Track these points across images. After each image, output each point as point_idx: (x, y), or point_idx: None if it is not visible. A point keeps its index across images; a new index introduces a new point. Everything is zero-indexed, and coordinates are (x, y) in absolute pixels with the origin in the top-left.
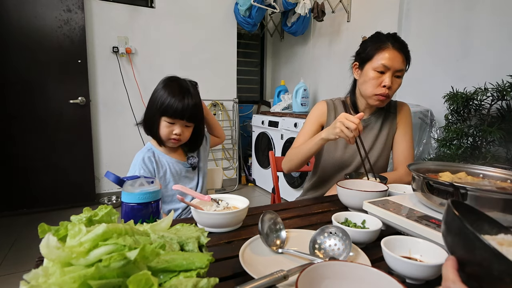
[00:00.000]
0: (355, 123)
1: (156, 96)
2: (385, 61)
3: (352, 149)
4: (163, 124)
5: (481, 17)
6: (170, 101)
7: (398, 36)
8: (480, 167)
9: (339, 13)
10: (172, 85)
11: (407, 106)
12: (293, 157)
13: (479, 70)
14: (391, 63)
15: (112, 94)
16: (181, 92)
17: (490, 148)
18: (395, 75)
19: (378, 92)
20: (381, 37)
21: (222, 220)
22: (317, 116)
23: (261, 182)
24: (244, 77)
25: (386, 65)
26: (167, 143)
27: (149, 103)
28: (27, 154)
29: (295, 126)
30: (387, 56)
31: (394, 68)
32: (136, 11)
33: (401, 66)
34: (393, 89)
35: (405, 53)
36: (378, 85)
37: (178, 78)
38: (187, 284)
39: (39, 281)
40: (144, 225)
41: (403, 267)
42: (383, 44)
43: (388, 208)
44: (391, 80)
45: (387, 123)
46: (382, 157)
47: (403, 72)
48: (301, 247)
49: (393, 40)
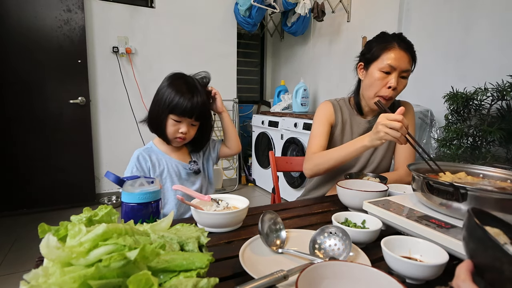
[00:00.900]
0: (399, 121)
1: (163, 93)
2: (391, 61)
3: None
4: (169, 123)
5: (481, 17)
6: (179, 99)
7: (404, 36)
8: (480, 167)
9: (339, 13)
10: (179, 83)
11: (410, 105)
12: (322, 161)
13: (479, 70)
14: (397, 63)
15: (112, 94)
16: (190, 90)
17: (490, 148)
18: (401, 76)
19: (382, 94)
20: (387, 37)
21: (222, 220)
22: (326, 116)
23: (261, 182)
24: (244, 77)
25: (392, 65)
26: (173, 142)
27: (155, 101)
28: (27, 154)
29: (295, 126)
30: (393, 56)
31: (400, 68)
32: (136, 11)
33: (408, 66)
34: (398, 90)
35: (412, 53)
36: (383, 86)
37: (184, 74)
38: (187, 284)
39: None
40: (144, 225)
41: (403, 267)
42: (389, 44)
43: (388, 208)
44: (396, 80)
45: None
46: (386, 158)
47: (409, 73)
48: (301, 247)
49: (399, 40)
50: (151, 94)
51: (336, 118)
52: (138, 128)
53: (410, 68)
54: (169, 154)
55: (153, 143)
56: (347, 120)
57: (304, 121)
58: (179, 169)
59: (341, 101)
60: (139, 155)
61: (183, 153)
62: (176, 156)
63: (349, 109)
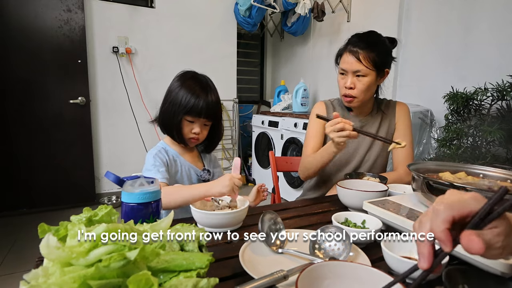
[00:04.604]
0: (338, 122)
1: (176, 94)
2: (342, 65)
3: (350, 148)
4: (184, 123)
5: (481, 17)
6: (195, 100)
7: (357, 38)
8: (480, 167)
9: (339, 13)
10: (192, 82)
11: (405, 106)
12: (309, 166)
13: (479, 70)
14: (347, 66)
15: (112, 94)
16: (204, 89)
17: (490, 148)
18: (357, 75)
19: (343, 93)
20: (347, 42)
21: (222, 220)
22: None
23: (261, 182)
24: (244, 77)
25: (343, 69)
26: (188, 142)
27: (169, 101)
28: (27, 154)
29: (295, 126)
30: (344, 60)
31: (351, 70)
32: (136, 11)
33: (357, 67)
34: (359, 89)
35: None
36: (344, 86)
37: (195, 73)
38: (187, 284)
39: (39, 281)
40: (144, 225)
41: (403, 267)
42: (342, 50)
43: (388, 208)
44: (352, 81)
45: (385, 123)
46: (381, 157)
47: (365, 71)
48: (301, 247)
49: (350, 44)
50: (151, 94)
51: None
52: (138, 128)
53: (361, 69)
54: (183, 155)
55: (165, 143)
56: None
57: (304, 121)
58: (191, 174)
59: (335, 101)
60: (157, 153)
61: (194, 155)
62: (189, 159)
63: (343, 108)
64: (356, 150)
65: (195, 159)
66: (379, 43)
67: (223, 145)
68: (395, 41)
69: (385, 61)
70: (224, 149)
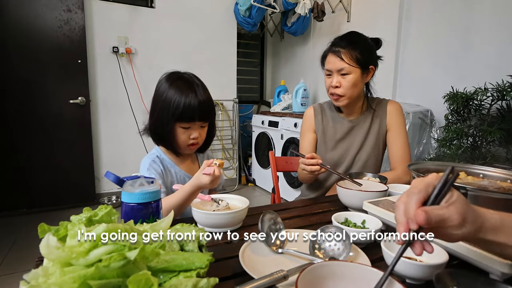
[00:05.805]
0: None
1: (164, 100)
2: (327, 65)
3: (341, 149)
4: (179, 131)
5: (481, 17)
6: (185, 104)
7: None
8: (480, 167)
9: (339, 13)
10: (179, 84)
11: (397, 104)
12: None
13: (479, 70)
14: (331, 66)
15: (112, 94)
16: (191, 89)
17: (490, 148)
18: (342, 74)
19: (330, 92)
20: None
21: (222, 220)
22: (307, 124)
23: (261, 182)
24: (244, 77)
25: (328, 69)
26: (185, 150)
27: (157, 109)
28: (27, 154)
29: (295, 126)
30: (328, 60)
31: (335, 69)
32: (136, 11)
33: (340, 65)
34: (344, 87)
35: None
36: (330, 86)
37: (181, 74)
38: (187, 284)
39: (39, 281)
40: (144, 225)
41: (403, 267)
42: (326, 52)
43: (388, 208)
44: (337, 80)
45: (377, 122)
46: (373, 156)
47: (348, 69)
48: (301, 247)
49: (333, 45)
50: (151, 94)
51: (316, 122)
52: (138, 128)
53: (344, 66)
54: (178, 164)
55: (161, 150)
56: (329, 121)
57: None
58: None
59: (325, 104)
60: (151, 164)
61: (189, 161)
62: (184, 167)
63: (333, 110)
64: (346, 151)
65: (191, 165)
66: (360, 41)
67: (223, 145)
68: (379, 41)
69: (368, 59)
70: (224, 149)
